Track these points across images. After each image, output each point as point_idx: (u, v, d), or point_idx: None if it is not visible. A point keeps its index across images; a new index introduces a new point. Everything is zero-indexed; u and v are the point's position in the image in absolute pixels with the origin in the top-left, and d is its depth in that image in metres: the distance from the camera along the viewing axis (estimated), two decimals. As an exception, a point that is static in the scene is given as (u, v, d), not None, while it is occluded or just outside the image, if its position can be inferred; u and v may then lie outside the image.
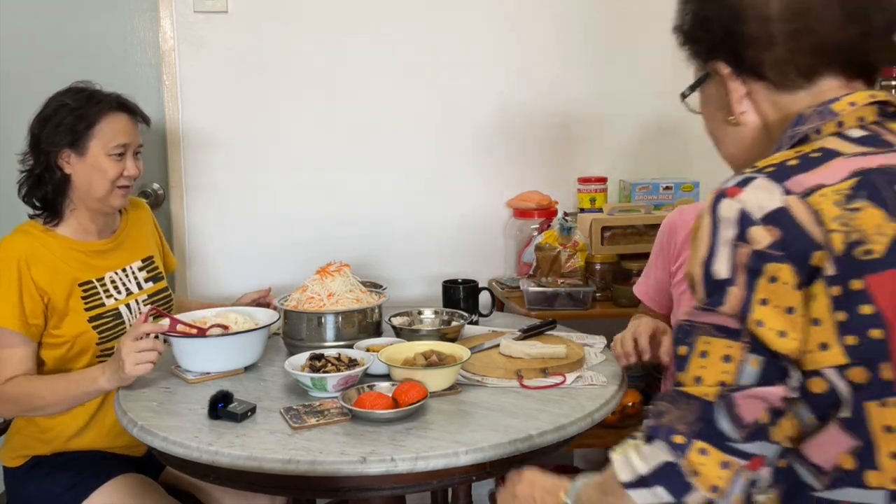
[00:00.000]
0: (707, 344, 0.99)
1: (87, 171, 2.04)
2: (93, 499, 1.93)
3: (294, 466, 1.49)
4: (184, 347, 1.95)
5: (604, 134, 3.05)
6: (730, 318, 0.97)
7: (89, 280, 2.08)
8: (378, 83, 2.93)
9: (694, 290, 1.03)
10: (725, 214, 0.98)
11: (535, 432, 1.59)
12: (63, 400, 1.94)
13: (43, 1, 2.79)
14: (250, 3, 2.83)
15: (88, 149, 2.03)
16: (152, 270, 2.26)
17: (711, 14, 1.14)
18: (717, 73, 1.15)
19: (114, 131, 2.05)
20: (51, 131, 2.02)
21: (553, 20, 2.99)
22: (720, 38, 1.13)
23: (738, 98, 1.14)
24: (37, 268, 1.99)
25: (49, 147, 2.02)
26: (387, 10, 2.90)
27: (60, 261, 2.04)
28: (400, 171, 2.99)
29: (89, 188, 2.05)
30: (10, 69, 2.79)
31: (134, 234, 2.26)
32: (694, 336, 1.01)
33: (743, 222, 0.97)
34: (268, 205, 2.95)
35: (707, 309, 0.99)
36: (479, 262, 3.06)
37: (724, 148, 1.24)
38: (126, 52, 2.85)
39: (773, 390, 0.95)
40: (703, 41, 1.17)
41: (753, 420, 0.96)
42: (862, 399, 0.94)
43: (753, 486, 0.99)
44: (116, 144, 2.05)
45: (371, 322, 2.11)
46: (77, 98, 2.05)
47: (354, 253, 2.90)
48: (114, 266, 2.16)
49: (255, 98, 2.89)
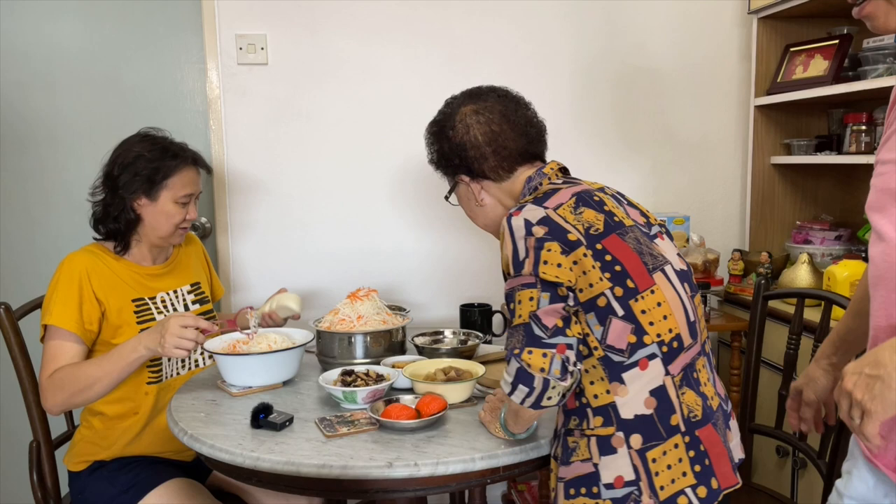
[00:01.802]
0: (520, 294, 1.46)
1: (156, 214, 2.08)
2: (146, 500, 1.94)
3: (328, 470, 1.50)
4: (228, 364, 1.96)
5: (606, 173, 3.08)
6: (528, 277, 1.45)
7: (142, 297, 2.11)
8: (402, 128, 2.96)
9: (508, 270, 1.49)
10: (516, 224, 1.49)
11: (544, 440, 1.60)
12: (108, 373, 1.93)
13: (101, 52, 2.84)
14: (288, 56, 2.88)
15: (160, 196, 2.07)
16: (199, 294, 2.28)
17: (447, 151, 1.72)
18: (462, 181, 1.74)
19: (183, 183, 2.09)
20: (129, 178, 2.05)
21: (558, 75, 3.04)
22: (457, 163, 1.71)
23: (478, 192, 1.73)
24: (97, 281, 2.03)
25: (126, 192, 2.05)
26: (409, 61, 2.94)
27: (119, 278, 2.08)
28: (422, 207, 3.02)
29: (156, 228, 2.10)
30: (71, 115, 2.84)
31: (185, 262, 2.29)
32: (512, 296, 1.47)
33: (527, 226, 1.48)
34: (303, 238, 2.98)
35: (515, 276, 1.46)
36: (492, 287, 3.07)
37: (479, 221, 1.79)
38: (176, 100, 2.90)
39: (557, 305, 1.44)
40: (448, 166, 1.74)
41: (553, 325, 1.43)
42: (626, 301, 1.45)
43: (567, 363, 1.41)
44: (184, 195, 2.10)
45: (396, 341, 2.12)
46: (154, 150, 2.08)
47: (381, 280, 2.93)
48: (166, 287, 2.18)
49: (292, 141, 2.93)
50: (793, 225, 3.04)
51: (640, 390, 1.45)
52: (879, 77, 2.44)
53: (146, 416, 2.09)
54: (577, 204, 1.53)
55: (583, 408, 1.48)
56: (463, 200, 1.79)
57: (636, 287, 1.46)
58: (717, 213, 3.20)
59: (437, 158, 1.76)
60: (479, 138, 1.68)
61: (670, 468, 1.44)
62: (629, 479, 1.44)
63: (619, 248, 1.49)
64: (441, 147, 1.74)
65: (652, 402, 1.45)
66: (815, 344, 2.10)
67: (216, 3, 2.81)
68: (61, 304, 1.98)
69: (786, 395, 2.21)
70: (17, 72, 2.81)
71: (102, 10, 2.82)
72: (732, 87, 3.15)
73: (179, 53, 2.88)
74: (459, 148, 1.69)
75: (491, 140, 1.68)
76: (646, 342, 1.45)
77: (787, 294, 2.36)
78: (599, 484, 1.44)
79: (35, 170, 2.85)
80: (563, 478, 1.49)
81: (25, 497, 2.30)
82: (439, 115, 1.77)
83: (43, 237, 2.89)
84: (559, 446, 1.52)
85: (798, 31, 2.97)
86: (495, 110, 1.70)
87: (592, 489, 1.45)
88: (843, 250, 2.77)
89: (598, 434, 1.46)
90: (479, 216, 1.78)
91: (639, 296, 1.46)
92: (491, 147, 1.67)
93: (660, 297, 1.48)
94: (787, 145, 3.00)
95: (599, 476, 1.45)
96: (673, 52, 3.09)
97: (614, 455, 1.44)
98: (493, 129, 1.68)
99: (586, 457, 1.46)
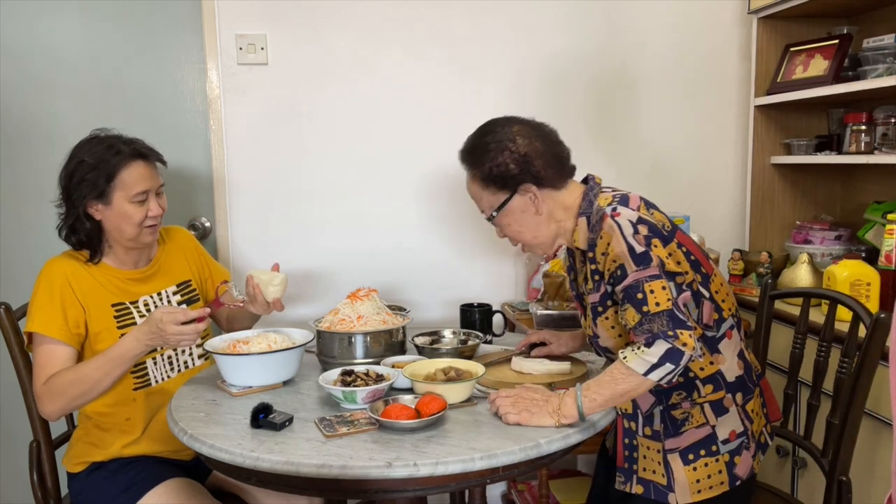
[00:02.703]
0: (650, 285, 1.61)
1: (115, 217, 2.02)
2: (145, 500, 1.93)
3: (327, 470, 1.50)
4: (228, 364, 1.96)
5: (605, 172, 3.07)
6: (653, 269, 1.62)
7: (122, 302, 2.08)
8: (402, 128, 2.97)
9: (625, 266, 1.63)
10: (623, 223, 1.65)
11: (543, 440, 1.60)
12: (108, 374, 1.93)
13: (101, 52, 2.84)
14: (288, 56, 2.88)
15: (113, 199, 2.00)
16: (187, 293, 2.24)
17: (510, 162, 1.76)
18: (527, 191, 1.77)
19: (133, 180, 2.01)
20: (76, 185, 2.00)
21: (559, 75, 3.04)
22: (521, 173, 1.76)
23: (540, 202, 1.78)
24: (77, 285, 2.02)
25: (77, 200, 2.00)
26: (409, 61, 2.95)
27: (99, 284, 2.06)
28: (422, 206, 3.02)
29: (119, 231, 2.04)
30: (70, 116, 2.84)
31: (171, 261, 2.24)
32: (639, 287, 1.61)
33: (633, 224, 1.65)
34: (303, 237, 2.98)
35: (639, 269, 1.62)
36: (492, 287, 3.08)
37: (528, 235, 1.83)
38: (176, 100, 2.90)
39: (685, 293, 1.67)
40: (509, 177, 1.76)
41: (686, 308, 1.65)
42: (706, 285, 1.72)
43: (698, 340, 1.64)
44: (138, 192, 2.01)
45: (396, 341, 2.11)
46: (95, 151, 2.00)
47: (381, 280, 2.93)
48: (149, 291, 2.15)
49: (292, 141, 2.93)
50: (793, 225, 3.03)
51: (731, 356, 1.76)
52: (879, 77, 2.44)
53: (140, 422, 2.08)
54: (647, 206, 1.74)
55: (690, 381, 1.73)
56: (516, 213, 1.81)
57: (707, 273, 1.75)
58: (717, 213, 3.20)
59: (496, 172, 1.77)
60: (541, 148, 1.77)
61: (756, 414, 1.80)
62: (739, 431, 1.75)
63: (686, 240, 1.74)
64: (503, 160, 1.76)
65: (741, 365, 1.78)
66: (819, 344, 2.10)
67: (216, 3, 2.81)
68: (43, 311, 1.97)
69: (792, 394, 2.21)
70: (17, 72, 2.81)
71: (102, 10, 2.82)
72: (732, 87, 3.15)
73: (179, 53, 2.88)
74: (525, 158, 1.76)
75: (551, 151, 1.79)
76: (724, 317, 1.76)
77: (793, 293, 2.36)
78: (717, 442, 1.73)
79: (34, 170, 2.84)
80: (676, 448, 1.73)
81: (25, 497, 2.29)
82: (487, 134, 1.81)
83: (43, 237, 2.88)
84: (660, 423, 1.74)
85: (798, 31, 2.96)
86: (539, 129, 1.82)
87: (711, 448, 1.73)
88: (842, 250, 2.77)
89: (709, 400, 1.74)
90: (530, 229, 1.82)
91: (710, 279, 1.75)
92: (553, 157, 1.79)
93: (721, 279, 1.79)
94: (787, 145, 3.00)
95: (717, 435, 1.73)
96: (673, 51, 3.09)
97: (727, 414, 1.74)
98: (552, 141, 1.81)
99: (701, 422, 1.73)
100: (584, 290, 1.83)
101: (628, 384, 1.64)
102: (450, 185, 3.02)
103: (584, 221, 1.76)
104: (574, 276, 1.92)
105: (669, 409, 1.74)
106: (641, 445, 1.76)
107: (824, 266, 2.54)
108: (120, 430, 2.07)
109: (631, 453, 1.78)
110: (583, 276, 1.82)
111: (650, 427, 1.75)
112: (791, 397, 2.21)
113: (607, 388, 1.66)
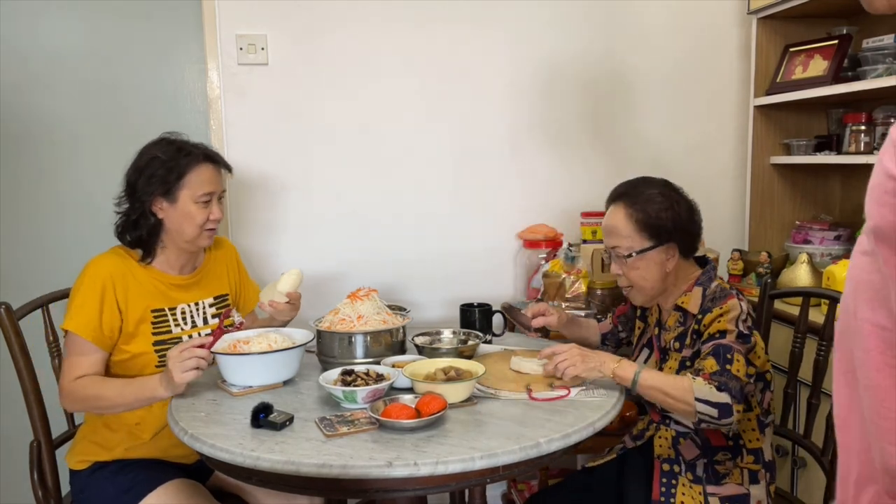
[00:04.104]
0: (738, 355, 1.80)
1: (178, 216, 2.06)
2: (147, 501, 1.93)
3: (327, 470, 1.50)
4: (229, 364, 1.96)
5: (605, 174, 3.08)
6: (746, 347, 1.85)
7: (161, 308, 2.10)
8: (402, 128, 2.97)
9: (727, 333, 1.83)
10: (744, 307, 1.88)
11: (543, 440, 1.60)
12: (126, 403, 1.95)
13: (101, 52, 2.85)
14: (287, 56, 2.89)
15: (179, 197, 2.05)
16: (223, 307, 2.25)
17: (669, 222, 1.92)
18: (668, 248, 1.93)
19: (201, 181, 2.07)
20: (145, 181, 2.04)
21: (559, 75, 3.04)
22: (673, 231, 1.92)
23: (674, 261, 1.95)
24: (121, 287, 2.03)
25: (144, 195, 2.05)
26: (409, 63, 2.95)
27: (141, 287, 2.07)
28: (421, 207, 3.02)
29: (180, 231, 2.08)
30: (71, 116, 2.84)
31: (214, 271, 2.27)
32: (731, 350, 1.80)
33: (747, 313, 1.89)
34: (303, 237, 2.98)
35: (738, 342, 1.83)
36: (492, 287, 3.08)
37: (644, 283, 1.96)
38: (177, 100, 2.90)
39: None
40: (663, 232, 1.92)
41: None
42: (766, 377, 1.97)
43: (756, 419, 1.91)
44: (203, 193, 2.07)
45: (396, 341, 2.11)
46: (167, 150, 2.06)
47: (381, 280, 2.93)
48: (188, 299, 2.16)
49: (292, 140, 2.93)
50: (792, 225, 3.03)
51: (768, 443, 1.96)
52: (879, 77, 2.44)
53: (150, 428, 2.08)
54: None
55: (738, 447, 1.93)
56: (650, 263, 1.96)
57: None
58: (717, 212, 3.19)
59: (655, 223, 1.93)
60: (689, 219, 1.97)
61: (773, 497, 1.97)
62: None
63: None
64: (666, 215, 1.93)
65: (772, 455, 1.98)
66: (819, 343, 2.10)
67: (216, 4, 2.81)
68: (81, 312, 1.98)
69: (792, 393, 2.21)
70: (17, 73, 2.81)
71: (102, 10, 2.82)
72: (732, 88, 3.15)
73: (180, 53, 2.88)
74: (681, 222, 1.94)
75: (698, 225, 2.00)
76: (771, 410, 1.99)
77: (793, 293, 2.36)
78: (750, 502, 1.90)
79: (35, 170, 2.84)
80: (717, 494, 1.90)
81: (25, 497, 2.29)
82: (653, 186, 1.97)
83: (43, 238, 2.89)
84: (703, 472, 1.92)
85: (798, 31, 2.96)
86: (693, 204, 2.02)
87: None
88: (842, 250, 2.77)
89: (749, 468, 1.92)
90: (651, 279, 1.97)
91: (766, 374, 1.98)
92: (697, 232, 2.00)
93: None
94: (786, 145, 3.00)
95: (750, 497, 1.90)
96: (672, 52, 3.09)
97: (758, 485, 1.92)
98: (698, 218, 2.01)
99: (739, 482, 1.91)
100: (667, 340, 2.01)
101: (679, 394, 1.78)
102: (450, 184, 3.02)
103: (699, 290, 1.95)
104: (646, 325, 2.13)
105: (714, 464, 1.93)
106: (682, 484, 1.92)
107: (824, 266, 2.54)
108: (128, 433, 2.07)
109: (668, 489, 1.92)
110: (674, 333, 1.99)
111: (692, 473, 1.93)
112: (791, 396, 2.21)
113: (661, 380, 1.82)
